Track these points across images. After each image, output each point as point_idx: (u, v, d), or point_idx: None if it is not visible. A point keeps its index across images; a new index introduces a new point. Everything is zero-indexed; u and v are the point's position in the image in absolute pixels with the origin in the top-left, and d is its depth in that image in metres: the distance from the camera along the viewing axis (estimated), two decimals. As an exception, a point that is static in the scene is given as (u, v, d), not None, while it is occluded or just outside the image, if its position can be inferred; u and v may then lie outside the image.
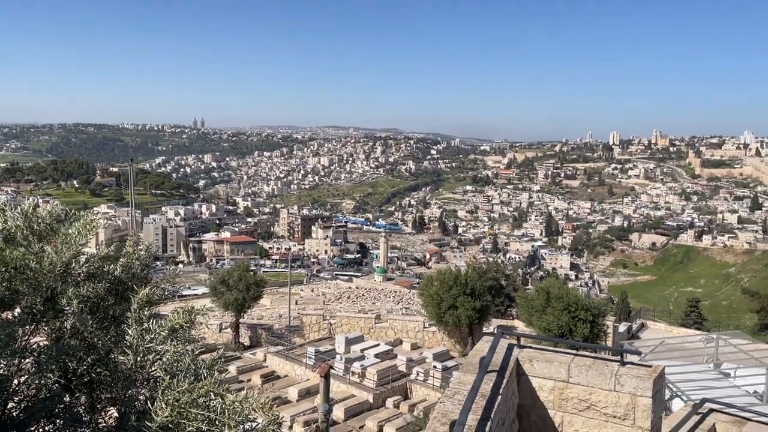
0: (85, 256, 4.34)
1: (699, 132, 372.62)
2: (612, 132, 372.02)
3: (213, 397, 3.44)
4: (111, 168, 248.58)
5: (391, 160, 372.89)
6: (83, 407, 4.12)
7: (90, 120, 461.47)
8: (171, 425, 3.35)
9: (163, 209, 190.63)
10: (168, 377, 3.60)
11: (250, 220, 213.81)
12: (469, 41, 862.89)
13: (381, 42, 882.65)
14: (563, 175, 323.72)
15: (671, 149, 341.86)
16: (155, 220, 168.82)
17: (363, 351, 32.63)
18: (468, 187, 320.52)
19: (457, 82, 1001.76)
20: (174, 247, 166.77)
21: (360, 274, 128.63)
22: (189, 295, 67.58)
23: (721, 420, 8.31)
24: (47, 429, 3.91)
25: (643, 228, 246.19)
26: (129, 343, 3.95)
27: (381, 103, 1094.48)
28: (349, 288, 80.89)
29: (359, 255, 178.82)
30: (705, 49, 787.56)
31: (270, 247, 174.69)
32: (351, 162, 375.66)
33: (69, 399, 4.10)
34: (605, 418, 6.26)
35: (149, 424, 3.36)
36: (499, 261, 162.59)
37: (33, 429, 3.83)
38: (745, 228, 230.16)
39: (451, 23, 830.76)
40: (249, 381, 30.93)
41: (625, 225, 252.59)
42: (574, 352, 6.83)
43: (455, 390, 5.71)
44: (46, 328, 4.07)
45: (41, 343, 4.00)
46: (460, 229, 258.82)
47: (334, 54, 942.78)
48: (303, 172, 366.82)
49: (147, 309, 4.12)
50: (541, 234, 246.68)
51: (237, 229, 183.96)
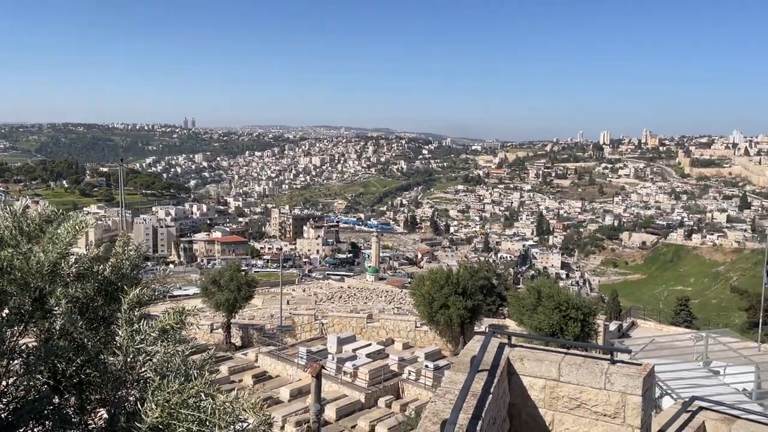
0: (75, 256, 4.31)
1: (688, 132, 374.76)
2: (602, 132, 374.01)
3: (203, 398, 3.42)
4: (101, 168, 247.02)
5: (383, 159, 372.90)
6: (72, 409, 4.10)
7: (80, 120, 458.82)
8: (161, 426, 3.34)
9: (154, 209, 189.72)
10: (158, 378, 3.58)
11: (241, 220, 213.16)
12: (461, 41, 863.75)
13: (372, 42, 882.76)
14: (554, 175, 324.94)
15: (661, 149, 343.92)
16: (146, 220, 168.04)
17: (355, 351, 32.62)
18: (459, 187, 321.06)
19: (449, 82, 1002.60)
20: (165, 247, 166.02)
21: (352, 273, 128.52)
22: (180, 296, 67.31)
23: (711, 418, 8.37)
24: (36, 430, 3.89)
25: (633, 227, 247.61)
26: (119, 344, 3.93)
27: (372, 103, 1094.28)
28: (341, 288, 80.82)
29: (351, 255, 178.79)
30: (694, 50, 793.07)
31: (261, 247, 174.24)
32: (342, 162, 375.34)
33: (58, 400, 4.08)
34: (595, 416, 6.29)
35: (139, 425, 3.34)
36: (491, 260, 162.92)
37: (22, 430, 3.80)
38: (734, 227, 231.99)
39: (443, 23, 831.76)
40: (240, 381, 30.86)
41: (616, 224, 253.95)
42: (564, 350, 6.86)
43: (446, 389, 5.72)
44: (34, 328, 4.04)
45: (30, 344, 3.98)
46: (451, 229, 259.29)
47: (325, 54, 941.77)
48: (294, 171, 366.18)
49: (137, 309, 4.10)
50: (532, 233, 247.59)
51: (228, 229, 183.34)
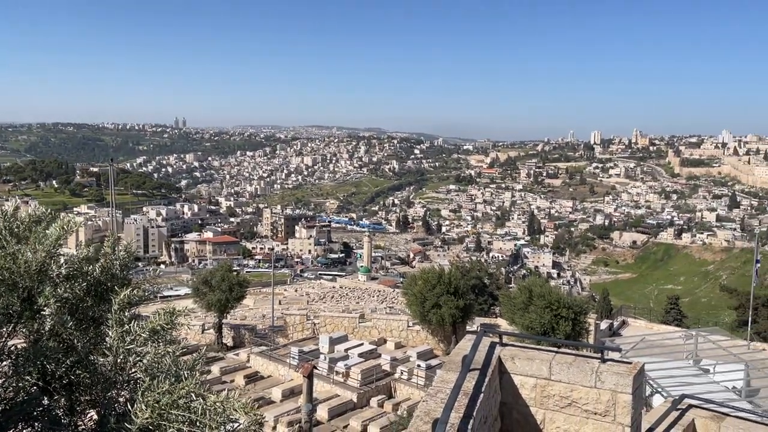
0: (64, 256, 4.29)
1: (678, 131, 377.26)
2: (593, 131, 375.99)
3: (194, 398, 3.41)
4: (91, 168, 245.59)
5: (375, 159, 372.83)
6: (62, 410, 4.07)
7: (69, 119, 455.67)
8: (151, 427, 3.33)
9: (145, 209, 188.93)
10: (148, 379, 3.57)
11: (232, 220, 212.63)
12: (452, 42, 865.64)
13: (364, 42, 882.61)
14: (545, 174, 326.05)
15: (651, 148, 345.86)
16: (136, 220, 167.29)
17: (347, 350, 32.59)
18: (451, 187, 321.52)
19: (441, 82, 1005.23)
20: (156, 248, 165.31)
21: (344, 273, 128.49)
22: (171, 296, 67.01)
23: (700, 416, 8.41)
24: (25, 432, 3.87)
25: (624, 226, 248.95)
26: (109, 345, 3.91)
27: (364, 103, 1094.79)
28: (333, 288, 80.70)
29: (343, 255, 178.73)
30: (685, 50, 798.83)
31: (253, 247, 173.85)
32: (334, 162, 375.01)
33: (47, 402, 4.05)
34: (586, 414, 6.31)
35: (129, 426, 3.33)
36: (483, 260, 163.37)
37: (11, 432, 3.78)
38: (724, 226, 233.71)
39: (434, 24, 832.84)
40: (232, 382, 30.77)
41: (606, 223, 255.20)
42: (555, 349, 6.88)
43: (438, 388, 5.72)
44: (23, 329, 4.02)
45: (19, 345, 3.95)
46: (443, 229, 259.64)
47: (317, 54, 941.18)
48: (286, 171, 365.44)
49: (127, 310, 4.09)
50: (524, 233, 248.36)
51: (219, 229, 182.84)
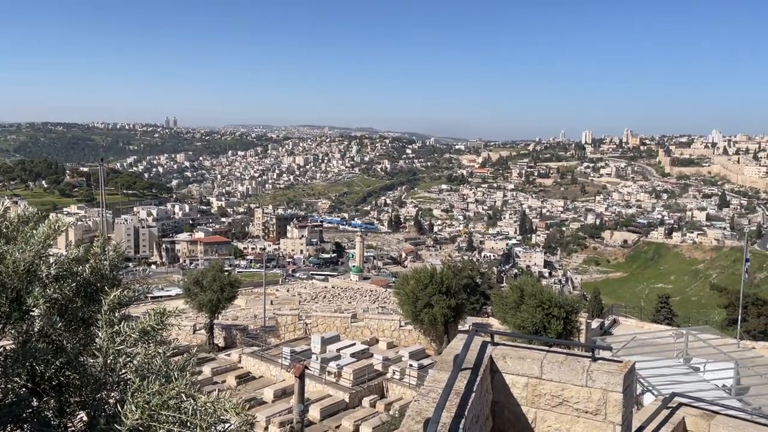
0: (54, 257, 4.26)
1: (668, 131, 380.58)
2: (584, 131, 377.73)
3: (184, 399, 3.40)
4: (81, 168, 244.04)
5: (367, 159, 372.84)
6: (52, 411, 4.05)
7: (59, 119, 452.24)
8: (141, 428, 3.31)
9: (135, 209, 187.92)
10: (138, 379, 3.55)
11: (224, 220, 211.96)
12: (444, 41, 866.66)
13: (355, 41, 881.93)
14: (537, 174, 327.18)
15: (642, 148, 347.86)
16: (127, 220, 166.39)
17: (339, 350, 32.57)
18: (443, 186, 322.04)
19: (433, 82, 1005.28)
20: (146, 248, 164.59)
21: (336, 273, 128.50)
22: (162, 297, 66.76)
23: (691, 414, 8.46)
24: (14, 434, 3.83)
25: (615, 226, 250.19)
26: (99, 346, 3.89)
27: (356, 102, 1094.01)
28: (325, 287, 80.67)
29: (335, 254, 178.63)
30: (675, 51, 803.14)
31: (245, 248, 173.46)
32: (326, 161, 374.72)
33: (37, 403, 4.03)
34: (577, 413, 6.34)
35: (119, 427, 3.31)
36: (474, 259, 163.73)
37: (-1, 434, 3.75)
38: (714, 225, 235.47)
39: (426, 24, 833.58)
40: (224, 382, 30.68)
41: (598, 223, 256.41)
42: (546, 348, 6.90)
43: (430, 388, 5.72)
44: (12, 330, 3.99)
45: (7, 346, 3.92)
46: (435, 228, 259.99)
47: (308, 53, 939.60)
48: (278, 171, 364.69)
49: (117, 311, 4.06)
50: (516, 232, 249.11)
51: (211, 229, 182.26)
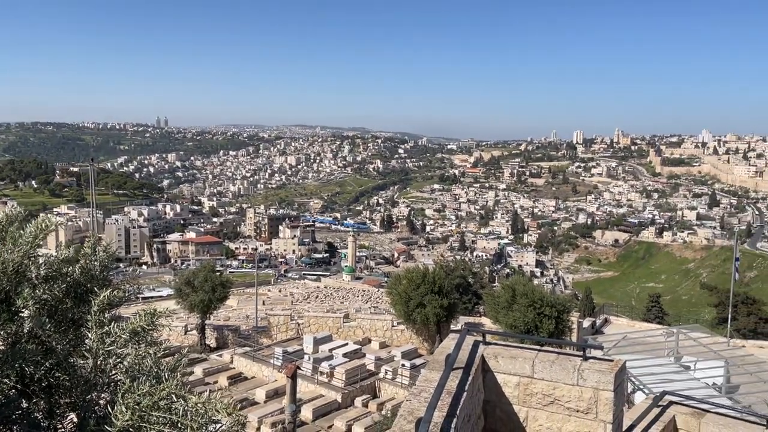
0: (43, 257, 4.23)
1: (659, 131, 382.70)
2: (575, 131, 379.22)
3: (175, 400, 3.38)
4: (71, 168, 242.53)
5: (359, 159, 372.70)
6: (41, 413, 4.02)
7: (49, 119, 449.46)
8: (132, 429, 3.29)
9: (126, 209, 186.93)
10: (129, 380, 3.53)
11: (215, 220, 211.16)
12: (436, 42, 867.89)
13: (348, 41, 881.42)
14: (528, 174, 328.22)
15: (633, 148, 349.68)
16: (117, 220, 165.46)
17: (331, 351, 32.53)
18: (435, 186, 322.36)
19: (425, 82, 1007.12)
20: (137, 248, 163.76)
21: (328, 273, 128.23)
22: (153, 297, 66.45)
23: (681, 412, 8.51)
24: (3, 436, 3.81)
25: (606, 225, 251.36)
26: (89, 347, 3.87)
27: (348, 102, 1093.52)
28: (317, 288, 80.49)
29: (327, 254, 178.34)
30: (665, 51, 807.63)
31: (236, 248, 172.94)
32: (318, 161, 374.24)
33: (26, 405, 4.00)
34: (568, 412, 6.36)
35: (109, 428, 3.29)
36: (467, 259, 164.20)
37: (-11, 436, 3.73)
38: (704, 224, 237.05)
39: (419, 24, 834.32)
40: (215, 383, 30.59)
41: (589, 222, 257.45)
42: (538, 347, 6.92)
43: (422, 388, 5.73)
44: (1, 332, 3.96)
45: (-4, 348, 3.89)
46: (427, 228, 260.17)
47: (300, 53, 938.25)
48: (270, 171, 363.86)
49: (107, 311, 4.04)
50: (508, 232, 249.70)
51: (202, 230, 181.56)
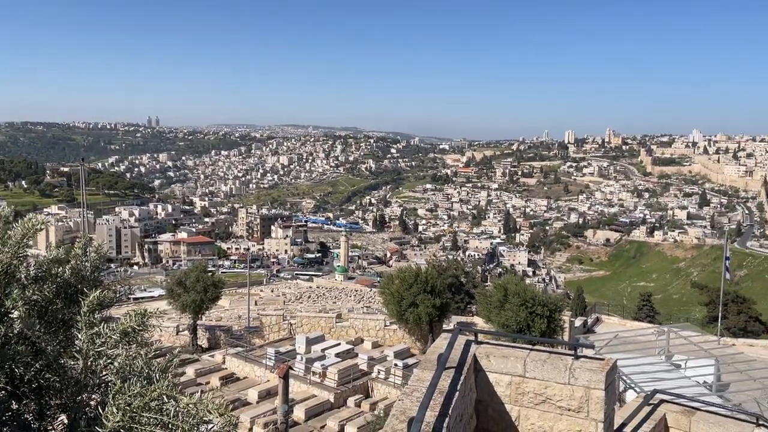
0: (33, 258, 4.21)
1: (650, 131, 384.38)
2: (567, 131, 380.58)
3: (166, 401, 3.37)
4: (61, 168, 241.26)
5: (351, 158, 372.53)
6: (32, 414, 4.00)
7: (39, 118, 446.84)
8: (123, 430, 3.28)
9: (117, 210, 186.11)
10: (120, 381, 3.52)
11: (207, 220, 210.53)
12: (431, 42, 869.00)
13: (340, 41, 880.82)
14: (520, 174, 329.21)
15: (624, 148, 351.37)
16: (108, 221, 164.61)
17: (324, 351, 32.49)
18: (428, 186, 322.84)
19: (417, 81, 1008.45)
20: (129, 249, 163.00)
21: (321, 273, 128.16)
22: (144, 298, 66.19)
23: (672, 410, 8.57)
24: (-7, 438, 3.78)
25: (598, 224, 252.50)
26: (79, 348, 3.85)
27: (341, 102, 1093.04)
28: (310, 288, 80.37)
29: (320, 254, 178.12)
30: (656, 52, 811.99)
31: (228, 248, 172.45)
32: (311, 161, 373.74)
33: (17, 406, 3.98)
34: (560, 411, 6.38)
35: (100, 429, 3.28)
36: (459, 258, 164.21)
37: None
38: (694, 224, 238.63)
39: (411, 24, 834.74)
40: (208, 383, 30.48)
41: (581, 222, 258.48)
42: (530, 347, 6.95)
43: (414, 387, 5.74)
44: (-10, 333, 3.94)
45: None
46: (420, 228, 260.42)
47: (292, 53, 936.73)
48: (262, 171, 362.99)
49: (98, 312, 4.03)
50: (500, 231, 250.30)
51: (194, 230, 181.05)
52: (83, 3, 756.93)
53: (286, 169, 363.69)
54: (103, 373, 3.85)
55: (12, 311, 3.88)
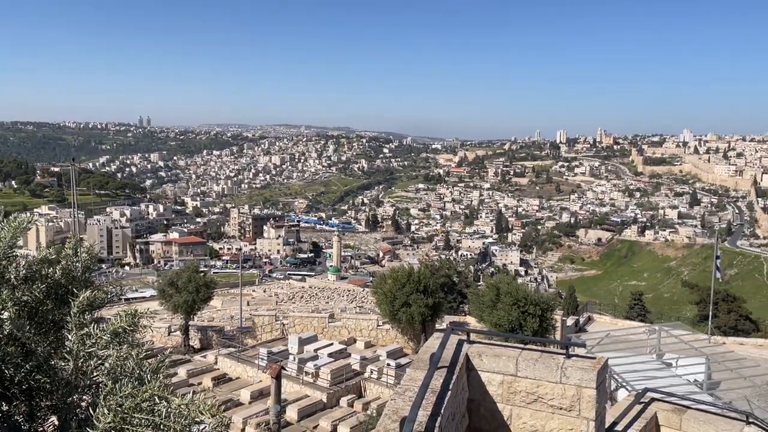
0: (23, 258, 4.18)
1: (641, 131, 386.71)
2: (559, 131, 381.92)
3: (158, 401, 3.36)
4: (52, 168, 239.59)
5: (344, 158, 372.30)
6: (22, 416, 3.97)
7: (29, 118, 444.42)
8: (114, 431, 3.26)
9: (108, 210, 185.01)
10: (111, 382, 3.50)
11: (199, 220, 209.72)
12: (422, 42, 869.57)
13: (332, 41, 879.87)
14: (512, 173, 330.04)
15: (615, 147, 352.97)
16: (99, 221, 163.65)
17: (316, 351, 32.44)
18: (420, 186, 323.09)
19: (409, 81, 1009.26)
20: (120, 249, 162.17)
21: (313, 273, 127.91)
22: (135, 298, 65.87)
23: (663, 409, 8.61)
24: (-18, 440, 3.76)
25: (589, 224, 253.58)
26: (69, 349, 3.82)
27: (333, 102, 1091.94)
28: (302, 288, 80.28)
29: (312, 254, 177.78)
30: (647, 52, 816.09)
31: (220, 248, 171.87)
32: (303, 161, 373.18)
33: (7, 407, 3.95)
34: (552, 410, 6.41)
35: (91, 431, 3.26)
36: (452, 258, 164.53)
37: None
38: (685, 223, 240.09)
39: (402, 24, 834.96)
40: (200, 384, 30.37)
41: (572, 221, 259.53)
42: (522, 346, 6.96)
43: (406, 387, 5.74)
44: (-21, 334, 3.91)
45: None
46: (412, 227, 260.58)
47: (284, 52, 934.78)
48: (254, 171, 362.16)
49: (88, 313, 4.00)
50: (492, 231, 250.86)
51: (186, 230, 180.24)
52: (75, 3, 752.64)
53: (278, 169, 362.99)
54: (94, 374, 3.83)
55: (2, 312, 3.85)
